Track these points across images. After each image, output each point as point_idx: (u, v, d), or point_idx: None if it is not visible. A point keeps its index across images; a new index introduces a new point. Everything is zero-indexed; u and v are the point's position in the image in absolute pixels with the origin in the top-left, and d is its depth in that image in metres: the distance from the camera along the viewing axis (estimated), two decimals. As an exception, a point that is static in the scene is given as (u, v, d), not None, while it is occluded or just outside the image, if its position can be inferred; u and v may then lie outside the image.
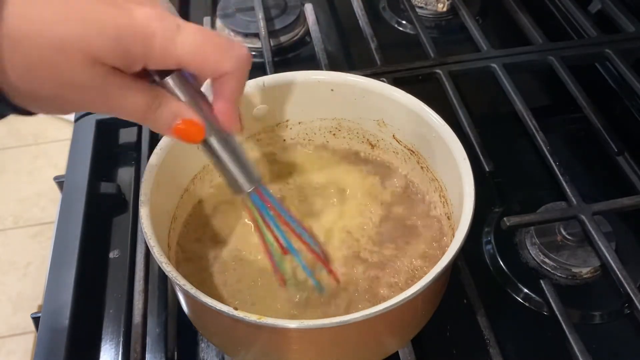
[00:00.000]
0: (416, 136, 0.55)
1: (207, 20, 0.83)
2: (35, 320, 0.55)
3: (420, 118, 0.52)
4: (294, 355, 0.45)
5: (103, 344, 0.54)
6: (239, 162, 0.42)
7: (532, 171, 0.67)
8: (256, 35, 0.80)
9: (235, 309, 0.40)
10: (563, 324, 0.50)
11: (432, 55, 0.74)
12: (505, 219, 0.55)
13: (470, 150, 0.52)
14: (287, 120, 0.58)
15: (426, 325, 0.49)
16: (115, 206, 0.64)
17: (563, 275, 0.56)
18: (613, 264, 0.52)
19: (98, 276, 0.58)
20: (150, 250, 0.43)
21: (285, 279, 0.49)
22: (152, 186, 0.47)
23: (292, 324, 0.40)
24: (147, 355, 0.51)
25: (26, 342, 1.42)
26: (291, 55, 0.83)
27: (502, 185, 0.64)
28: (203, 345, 0.53)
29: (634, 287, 0.51)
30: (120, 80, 0.36)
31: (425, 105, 0.52)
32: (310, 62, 0.77)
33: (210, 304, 0.40)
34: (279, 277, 0.49)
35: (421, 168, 0.56)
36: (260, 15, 0.81)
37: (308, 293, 0.49)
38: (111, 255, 0.60)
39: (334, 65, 0.74)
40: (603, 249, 0.53)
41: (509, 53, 0.74)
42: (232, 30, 0.83)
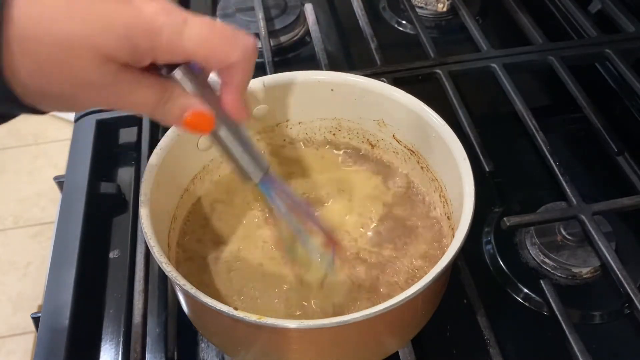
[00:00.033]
0: (416, 136, 0.55)
1: (207, 20, 0.83)
2: (35, 320, 0.55)
3: (420, 118, 0.52)
4: (294, 355, 0.45)
5: (103, 344, 0.54)
6: (247, 151, 0.42)
7: (532, 171, 0.67)
8: (256, 35, 0.80)
9: (235, 308, 0.40)
10: (563, 324, 0.50)
11: (432, 55, 0.74)
12: (505, 219, 0.55)
13: (470, 150, 0.52)
14: (287, 120, 0.59)
15: (426, 325, 0.49)
16: (115, 206, 0.64)
17: (563, 275, 0.56)
18: (613, 264, 0.52)
19: (98, 276, 0.58)
20: (150, 250, 0.43)
21: (294, 263, 0.50)
22: (152, 186, 0.47)
23: (292, 324, 0.40)
24: (147, 355, 0.51)
25: (26, 342, 1.42)
26: (291, 55, 0.83)
27: (502, 185, 0.64)
28: (203, 345, 0.53)
29: (634, 287, 0.51)
30: (130, 76, 0.36)
31: (425, 105, 0.52)
32: (310, 62, 0.77)
33: (210, 304, 0.40)
34: (287, 260, 0.50)
35: (421, 168, 0.56)
36: (260, 15, 0.81)
37: (315, 275, 0.50)
38: (111, 255, 0.60)
39: (334, 65, 0.74)
40: (603, 249, 0.54)
41: (509, 53, 0.74)
42: (232, 30, 0.83)
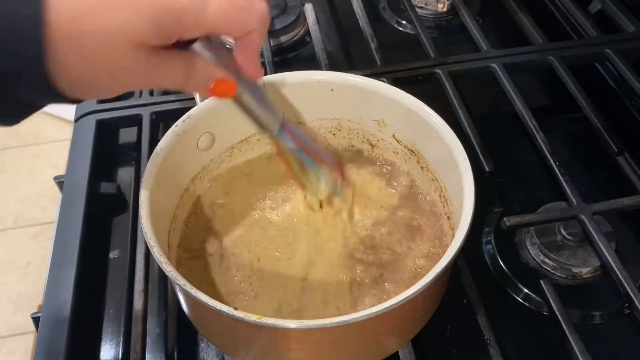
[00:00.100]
0: (416, 136, 0.55)
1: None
2: (35, 320, 0.55)
3: (420, 118, 0.52)
4: (294, 355, 0.45)
5: (103, 344, 0.54)
6: (264, 106, 0.46)
7: (532, 171, 0.67)
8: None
9: (235, 308, 0.40)
10: (563, 324, 0.50)
11: (432, 55, 0.74)
12: (505, 219, 0.55)
13: (470, 150, 0.52)
14: (288, 121, 0.58)
15: (426, 325, 0.49)
16: (115, 206, 0.64)
17: (563, 275, 0.56)
18: (613, 264, 0.52)
19: (98, 276, 0.58)
20: (150, 250, 0.43)
21: (308, 190, 0.55)
22: (152, 186, 0.47)
23: (292, 324, 0.40)
24: (147, 355, 0.51)
25: (26, 342, 1.42)
26: (291, 55, 0.83)
27: (502, 185, 0.64)
28: (203, 345, 0.53)
29: (634, 287, 0.51)
30: (158, 57, 0.37)
31: (425, 105, 0.52)
32: (310, 62, 0.77)
33: (210, 304, 0.40)
34: (303, 189, 0.56)
35: (421, 168, 0.56)
36: (260, 15, 0.81)
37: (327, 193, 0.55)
38: (111, 255, 0.60)
39: (334, 65, 0.74)
40: (603, 249, 0.54)
41: (509, 53, 0.74)
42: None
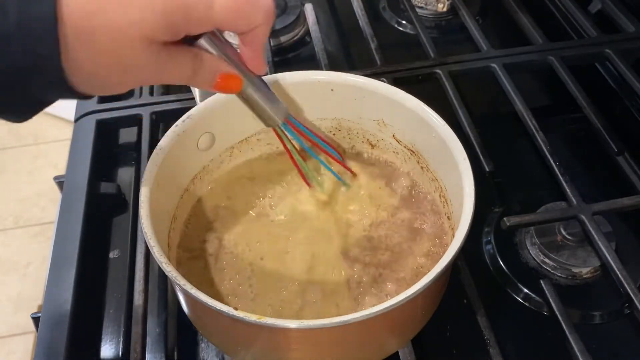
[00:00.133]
0: (416, 136, 0.55)
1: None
2: (35, 320, 0.55)
3: (420, 118, 0.52)
4: (294, 355, 0.45)
5: (103, 344, 0.54)
6: (270, 100, 0.47)
7: (532, 171, 0.67)
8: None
9: (235, 308, 0.40)
10: (563, 324, 0.50)
11: (432, 55, 0.74)
12: (505, 219, 0.55)
13: (470, 150, 0.52)
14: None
15: (426, 325, 0.49)
16: (115, 206, 0.64)
17: (563, 275, 0.56)
18: (613, 264, 0.52)
19: (98, 276, 0.58)
20: (150, 250, 0.43)
21: (312, 184, 0.56)
22: (152, 186, 0.47)
23: (292, 324, 0.40)
24: (147, 355, 0.51)
25: (26, 342, 1.42)
26: (291, 55, 0.83)
27: (502, 185, 0.64)
28: (203, 345, 0.53)
29: (634, 287, 0.51)
30: (167, 53, 0.38)
31: (425, 105, 0.52)
32: (310, 62, 0.77)
33: (210, 304, 0.40)
34: (307, 184, 0.56)
35: (421, 168, 0.56)
36: (260, 15, 0.81)
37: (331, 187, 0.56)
38: (111, 255, 0.60)
39: (334, 65, 0.74)
40: (603, 249, 0.54)
41: (509, 53, 0.74)
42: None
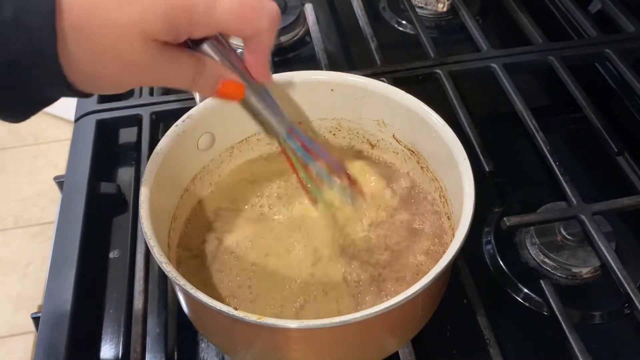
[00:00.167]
0: (416, 136, 0.55)
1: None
2: (35, 320, 0.55)
3: (420, 118, 0.52)
4: (294, 355, 0.45)
5: (103, 344, 0.54)
6: (273, 110, 0.45)
7: (532, 171, 0.67)
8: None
9: (235, 308, 0.40)
10: (563, 324, 0.50)
11: (432, 55, 0.74)
12: (505, 219, 0.55)
13: (470, 150, 0.52)
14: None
15: (426, 325, 0.49)
16: (115, 206, 0.64)
17: (563, 275, 0.56)
18: (613, 264, 0.52)
19: (98, 276, 0.58)
20: (150, 250, 0.43)
21: (318, 202, 0.54)
22: (152, 186, 0.47)
23: (292, 324, 0.40)
24: (147, 355, 0.51)
25: (26, 342, 1.42)
26: (291, 55, 0.83)
27: (502, 185, 0.64)
28: (203, 345, 0.53)
29: (634, 287, 0.51)
30: (168, 54, 0.38)
31: (425, 105, 0.52)
32: (310, 62, 0.77)
33: (210, 304, 0.40)
34: (312, 200, 0.53)
35: (421, 168, 0.56)
36: (260, 15, 0.81)
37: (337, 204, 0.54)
38: (111, 255, 0.60)
39: (334, 65, 0.74)
40: (603, 249, 0.54)
41: (509, 53, 0.74)
42: (232, 30, 0.83)
